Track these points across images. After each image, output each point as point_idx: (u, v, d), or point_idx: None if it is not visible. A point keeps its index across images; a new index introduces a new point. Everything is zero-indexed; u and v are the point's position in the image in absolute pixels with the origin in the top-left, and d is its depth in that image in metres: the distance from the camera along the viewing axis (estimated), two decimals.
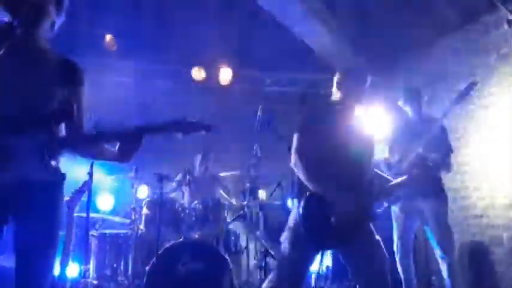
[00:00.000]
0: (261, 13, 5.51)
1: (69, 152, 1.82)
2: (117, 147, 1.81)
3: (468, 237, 4.59)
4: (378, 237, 2.30)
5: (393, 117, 3.63)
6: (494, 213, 4.29)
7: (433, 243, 3.37)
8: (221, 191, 4.40)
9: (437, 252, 3.32)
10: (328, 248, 2.28)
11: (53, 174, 1.71)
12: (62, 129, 1.80)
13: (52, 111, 1.68)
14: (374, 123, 3.71)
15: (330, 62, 5.98)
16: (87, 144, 1.84)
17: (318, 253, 2.34)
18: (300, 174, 2.28)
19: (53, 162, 1.74)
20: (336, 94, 2.49)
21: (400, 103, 3.67)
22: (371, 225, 2.31)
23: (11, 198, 1.62)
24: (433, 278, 4.20)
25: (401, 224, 3.51)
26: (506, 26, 1.44)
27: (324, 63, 6.03)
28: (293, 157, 2.32)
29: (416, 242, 4.26)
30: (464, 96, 3.11)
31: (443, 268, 3.28)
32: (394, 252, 3.58)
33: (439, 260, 3.32)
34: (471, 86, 3.11)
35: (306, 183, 2.25)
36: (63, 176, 1.79)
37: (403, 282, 3.53)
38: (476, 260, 4.37)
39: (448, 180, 4.87)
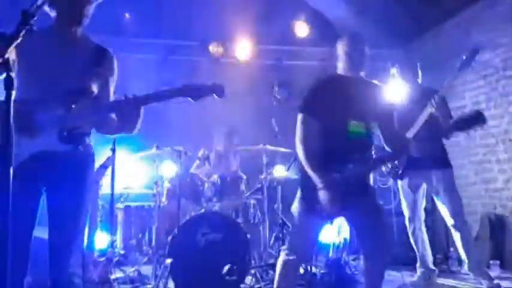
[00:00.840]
0: None
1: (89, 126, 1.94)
2: (117, 119, 1.90)
3: (489, 210, 4.57)
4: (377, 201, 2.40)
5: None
6: None
7: (444, 212, 3.35)
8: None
9: (449, 221, 3.32)
10: (329, 219, 2.35)
11: (75, 148, 1.82)
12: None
13: (70, 90, 1.79)
14: (391, 97, 3.65)
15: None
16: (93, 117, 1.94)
17: (323, 221, 2.41)
18: (301, 160, 2.32)
19: (83, 139, 1.86)
20: (340, 65, 2.43)
21: (395, 72, 3.58)
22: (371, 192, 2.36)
23: (41, 171, 1.76)
24: (451, 249, 4.22)
25: (410, 199, 3.52)
26: None
27: (342, 36, 5.92)
28: (297, 143, 2.34)
29: (434, 215, 4.28)
30: (466, 64, 2.98)
31: (456, 236, 3.28)
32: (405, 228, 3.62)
33: (451, 229, 3.32)
34: (473, 53, 2.97)
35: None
36: (89, 151, 1.92)
37: (417, 256, 3.57)
38: (497, 233, 4.36)
39: (470, 153, 4.83)
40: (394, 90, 3.67)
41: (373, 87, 2.46)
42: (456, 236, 3.30)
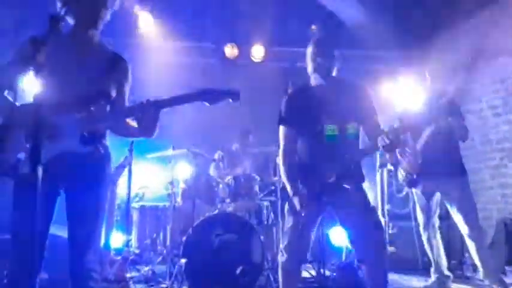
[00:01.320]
0: None
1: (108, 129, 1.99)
2: (136, 123, 1.93)
3: (505, 215, 4.51)
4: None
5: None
6: None
7: (458, 220, 3.28)
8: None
9: (464, 230, 3.26)
10: (312, 220, 2.39)
11: (95, 149, 1.88)
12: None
13: (89, 94, 1.84)
14: (407, 96, 3.63)
15: (363, 37, 5.86)
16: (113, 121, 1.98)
17: (308, 222, 2.40)
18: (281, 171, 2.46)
19: (101, 140, 1.92)
20: (310, 73, 2.48)
21: (403, 79, 3.56)
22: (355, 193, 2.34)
23: (60, 172, 1.80)
24: (466, 255, 4.17)
25: (425, 206, 3.48)
26: None
27: (356, 38, 5.91)
28: (279, 155, 2.48)
29: (449, 221, 4.23)
30: (471, 65, 2.95)
31: (471, 245, 3.23)
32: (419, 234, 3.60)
33: (466, 238, 3.26)
34: (475, 55, 2.94)
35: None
36: (107, 151, 1.96)
37: (432, 261, 3.54)
38: None
39: (486, 157, 4.78)
40: (406, 94, 3.66)
41: (350, 88, 2.48)
42: (471, 245, 3.24)
